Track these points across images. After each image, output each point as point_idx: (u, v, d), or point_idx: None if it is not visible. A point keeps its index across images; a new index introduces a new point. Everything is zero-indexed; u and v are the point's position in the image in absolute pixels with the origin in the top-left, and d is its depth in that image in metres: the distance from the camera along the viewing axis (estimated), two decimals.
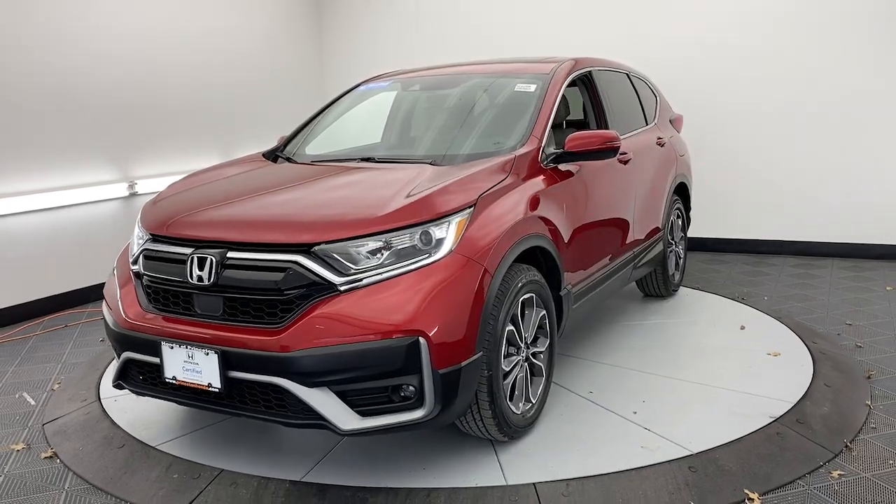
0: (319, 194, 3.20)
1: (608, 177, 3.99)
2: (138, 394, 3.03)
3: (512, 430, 3.01)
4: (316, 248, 2.63)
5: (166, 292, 2.89)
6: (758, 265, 6.26)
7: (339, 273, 2.60)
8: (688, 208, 5.54)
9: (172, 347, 2.74)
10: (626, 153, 4.17)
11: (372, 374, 2.53)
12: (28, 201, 5.34)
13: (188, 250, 2.81)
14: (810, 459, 2.94)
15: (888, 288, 5.40)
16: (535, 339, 3.20)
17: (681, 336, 4.45)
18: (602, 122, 4.20)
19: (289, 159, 3.92)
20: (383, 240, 2.65)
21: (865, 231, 6.27)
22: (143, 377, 2.97)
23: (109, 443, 3.30)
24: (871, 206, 6.20)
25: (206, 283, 2.71)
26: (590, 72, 4.23)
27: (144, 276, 2.98)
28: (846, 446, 3.05)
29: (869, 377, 3.77)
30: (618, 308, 5.04)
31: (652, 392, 3.60)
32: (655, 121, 5.05)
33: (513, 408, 2.99)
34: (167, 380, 2.78)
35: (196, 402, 2.82)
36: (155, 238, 3.03)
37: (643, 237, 4.52)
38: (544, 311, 3.20)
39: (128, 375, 3.03)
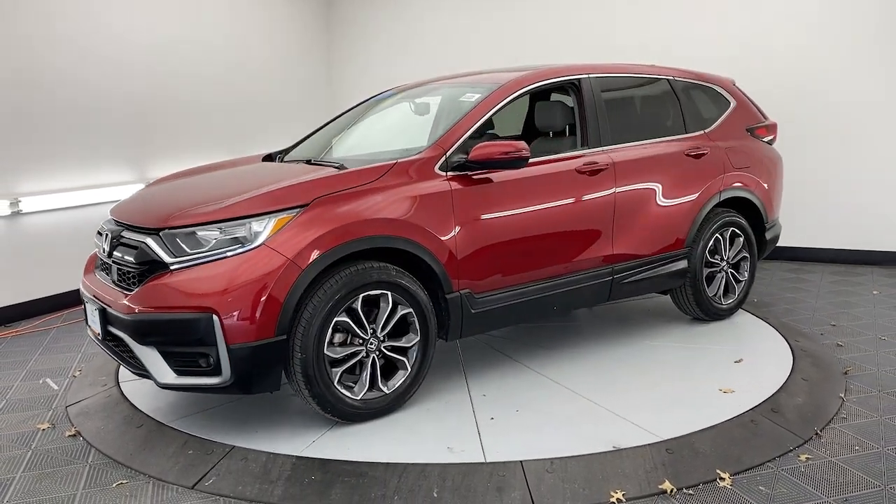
0: (207, 189, 3.66)
1: (559, 186, 3.94)
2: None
3: (347, 414, 3.34)
4: (161, 232, 3.21)
5: (100, 262, 3.72)
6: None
7: (172, 254, 3.15)
8: (758, 228, 4.96)
9: (87, 303, 3.56)
10: (594, 163, 4.06)
11: (180, 341, 3.10)
12: (49, 200, 5.63)
13: (107, 228, 3.60)
14: (781, 444, 3.15)
15: (875, 292, 5.59)
16: (403, 335, 3.47)
17: (666, 330, 4.65)
18: (585, 131, 4.17)
19: (281, 160, 4.35)
20: (212, 229, 3.15)
21: (854, 237, 6.47)
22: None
23: (129, 422, 3.54)
24: (865, 212, 6.40)
25: (105, 254, 3.53)
26: (578, 79, 4.22)
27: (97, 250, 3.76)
28: (816, 434, 3.25)
29: (846, 373, 3.97)
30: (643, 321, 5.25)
31: (632, 384, 3.81)
32: (708, 129, 4.74)
33: (347, 393, 3.32)
34: (88, 326, 3.61)
35: (101, 348, 3.54)
36: (110, 220, 3.73)
37: (635, 252, 4.28)
38: (410, 310, 3.44)
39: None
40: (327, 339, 3.21)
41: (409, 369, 3.50)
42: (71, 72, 5.76)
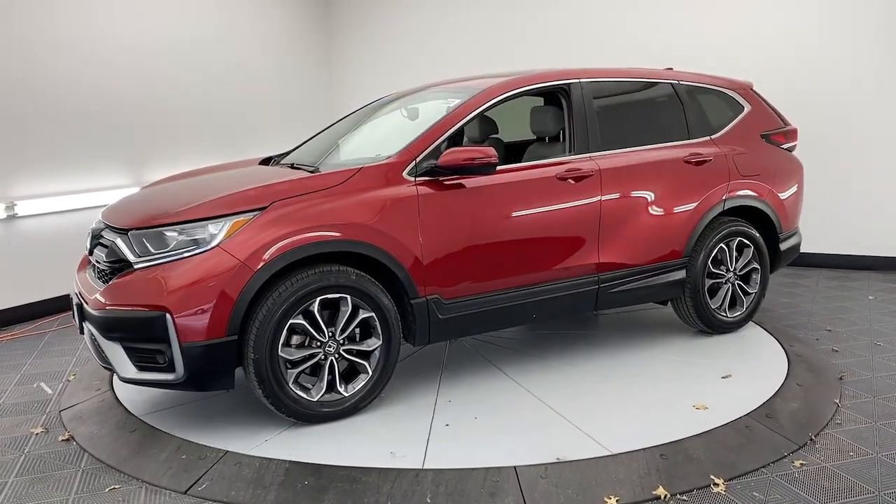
0: (188, 191, 3.70)
1: (535, 193, 3.89)
2: None
3: (303, 415, 3.38)
4: (129, 232, 3.33)
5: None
6: None
7: (137, 254, 3.27)
8: (772, 238, 4.76)
9: (73, 297, 3.63)
10: (578, 170, 3.99)
11: (139, 338, 3.21)
12: (45, 204, 5.63)
13: (92, 227, 3.79)
14: (775, 450, 3.14)
15: (870, 297, 5.60)
16: (366, 338, 3.51)
17: (659, 336, 4.65)
18: (574, 137, 4.11)
19: (276, 163, 4.38)
20: (173, 231, 3.25)
21: (851, 242, 6.48)
22: None
23: (122, 427, 3.53)
24: (861, 217, 6.41)
25: (87, 252, 3.73)
26: (567, 85, 4.16)
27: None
28: (811, 439, 3.25)
29: (841, 378, 3.97)
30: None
31: (605, 396, 3.73)
32: (715, 135, 4.59)
33: (303, 394, 3.36)
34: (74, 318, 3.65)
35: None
36: (98, 220, 3.85)
37: (624, 261, 4.17)
38: (372, 314, 3.46)
39: None
40: (282, 341, 3.26)
41: (371, 373, 3.52)
42: (67, 75, 5.76)
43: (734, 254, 4.56)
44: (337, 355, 3.43)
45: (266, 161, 4.52)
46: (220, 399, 3.76)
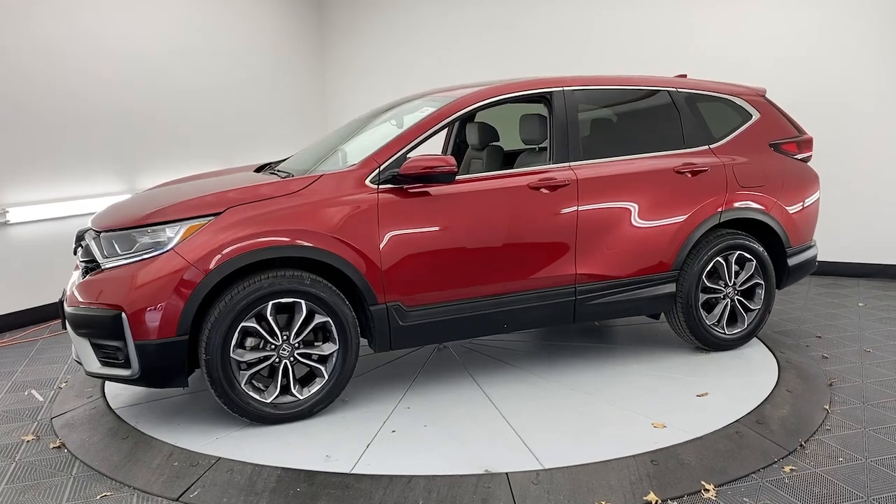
0: (160, 196, 3.81)
1: (504, 202, 3.85)
2: None
3: (255, 416, 3.46)
4: (101, 234, 3.49)
5: None
6: None
7: (104, 255, 3.44)
8: (779, 253, 4.54)
9: (62, 294, 3.75)
10: (552, 179, 3.93)
11: (100, 334, 3.35)
12: (37, 211, 5.62)
13: (80, 229, 3.92)
14: (766, 456, 3.16)
15: (860, 304, 5.64)
16: (323, 343, 3.58)
17: (650, 339, 4.67)
18: (553, 145, 4.05)
19: (269, 171, 4.38)
20: (136, 233, 3.40)
21: (841, 249, 6.53)
22: None
23: (114, 434, 3.53)
24: (851, 224, 6.45)
25: (73, 251, 3.86)
26: (549, 93, 4.10)
27: None
28: (801, 445, 3.27)
29: (831, 384, 4.00)
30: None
31: (563, 411, 3.65)
32: (715, 144, 4.42)
33: (255, 396, 3.46)
34: None
35: None
36: None
37: (605, 273, 4.07)
38: (328, 319, 3.51)
39: None
40: (234, 343, 3.36)
41: (327, 377, 3.57)
42: (58, 83, 5.76)
43: (733, 268, 4.36)
44: (292, 359, 3.50)
45: (263, 167, 4.53)
46: (212, 406, 3.75)
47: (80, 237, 3.84)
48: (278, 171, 4.14)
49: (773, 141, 4.62)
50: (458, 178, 3.77)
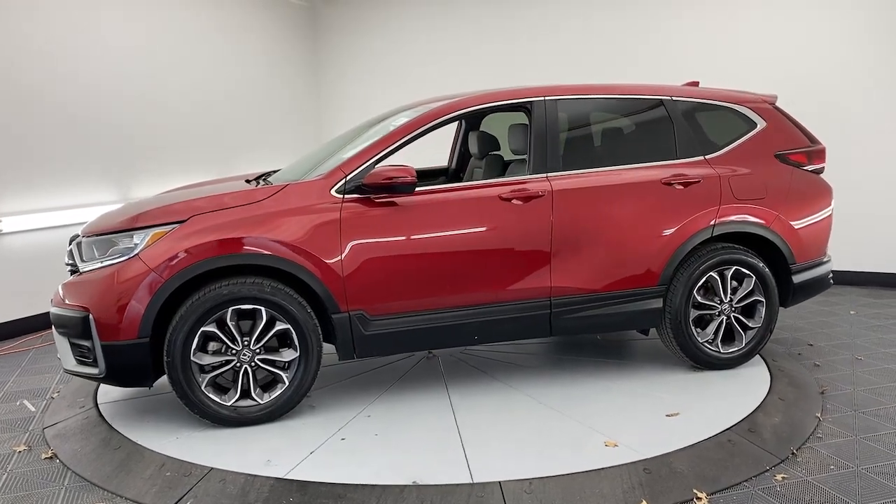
0: (143, 205, 3.88)
1: (473, 213, 3.82)
2: None
3: (215, 418, 3.59)
4: (83, 239, 3.68)
5: None
6: None
7: (83, 259, 3.64)
8: (785, 270, 4.33)
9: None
10: (524, 190, 3.88)
11: (72, 334, 3.54)
12: (30, 220, 5.62)
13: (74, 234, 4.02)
14: (758, 464, 3.17)
15: (852, 312, 5.67)
16: (283, 349, 3.67)
17: (644, 353, 4.68)
18: (531, 155, 4.01)
19: (263, 179, 4.42)
20: (110, 239, 3.57)
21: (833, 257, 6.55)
22: None
23: (107, 444, 3.52)
24: (843, 232, 6.48)
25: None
26: (529, 103, 4.06)
27: None
28: (792, 453, 3.28)
29: (822, 392, 4.01)
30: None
31: (518, 426, 3.60)
32: (711, 155, 4.26)
33: (216, 398, 3.57)
34: None
35: None
36: None
37: (583, 287, 3.98)
38: (288, 326, 3.58)
39: None
40: (194, 347, 3.48)
41: (287, 383, 3.65)
42: (52, 92, 5.77)
43: (729, 283, 4.18)
44: (252, 364, 3.59)
45: (259, 178, 4.53)
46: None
47: (71, 241, 3.95)
48: (269, 181, 4.16)
49: (780, 151, 4.40)
50: (426, 188, 3.81)
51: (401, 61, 8.36)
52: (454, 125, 5.42)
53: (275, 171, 4.66)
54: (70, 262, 3.77)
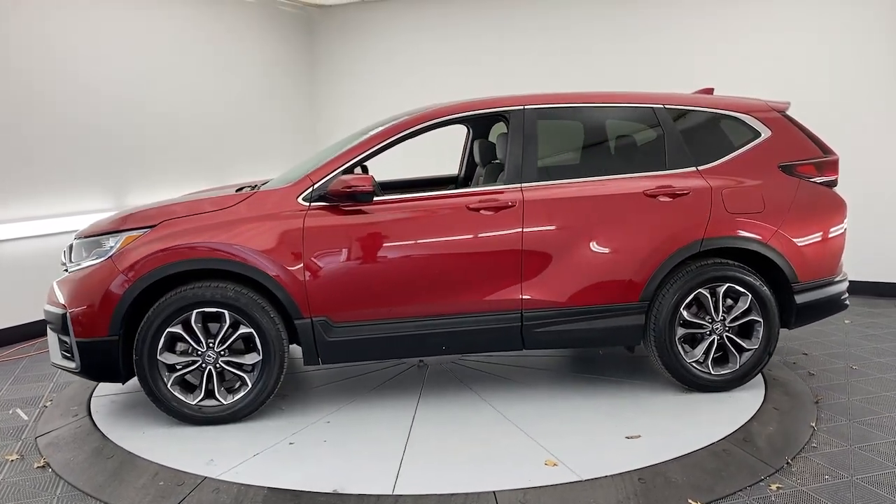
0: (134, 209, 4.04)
1: (439, 223, 3.81)
2: None
3: (181, 415, 3.73)
4: (74, 241, 3.87)
5: None
6: None
7: (71, 260, 3.84)
8: (786, 288, 4.08)
9: None
10: (494, 200, 3.83)
11: (56, 330, 3.75)
12: (23, 228, 5.60)
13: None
14: (753, 474, 3.17)
15: (847, 321, 5.68)
16: (249, 351, 3.77)
17: (640, 361, 4.68)
18: (506, 165, 3.96)
19: (255, 187, 4.42)
20: (93, 241, 3.77)
21: None
22: None
23: (99, 453, 3.50)
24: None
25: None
26: (507, 112, 4.02)
27: None
28: (787, 463, 3.28)
29: (817, 402, 4.01)
30: None
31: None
32: (704, 166, 4.04)
33: (181, 397, 3.72)
34: None
35: None
36: None
37: (556, 300, 3.86)
38: (251, 330, 3.69)
39: None
40: (160, 346, 3.64)
41: (250, 386, 3.75)
42: (48, 100, 5.76)
43: (720, 301, 3.97)
44: (217, 366, 3.71)
45: (255, 187, 4.51)
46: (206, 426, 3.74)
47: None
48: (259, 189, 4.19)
49: (785, 162, 4.12)
50: (394, 197, 3.85)
51: (396, 68, 8.37)
52: (453, 129, 5.36)
53: (267, 181, 4.67)
54: (63, 262, 3.94)
